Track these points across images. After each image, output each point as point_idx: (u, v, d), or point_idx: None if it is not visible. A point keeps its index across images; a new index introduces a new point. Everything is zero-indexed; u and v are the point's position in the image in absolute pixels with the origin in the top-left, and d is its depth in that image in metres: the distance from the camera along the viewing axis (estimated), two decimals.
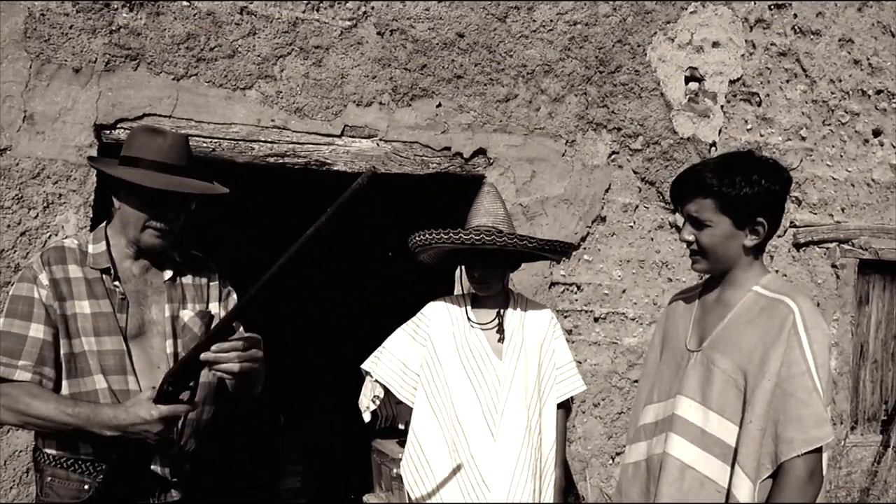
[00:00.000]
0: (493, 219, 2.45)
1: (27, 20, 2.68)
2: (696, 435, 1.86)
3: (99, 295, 1.89)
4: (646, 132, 3.60)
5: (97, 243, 1.94)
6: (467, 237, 2.34)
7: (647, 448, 2.00)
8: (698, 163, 1.94)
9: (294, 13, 2.98)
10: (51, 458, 1.86)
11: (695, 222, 1.87)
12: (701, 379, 1.88)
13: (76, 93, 2.73)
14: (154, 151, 1.89)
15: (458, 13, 3.23)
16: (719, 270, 1.92)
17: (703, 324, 1.95)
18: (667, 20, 3.61)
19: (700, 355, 1.91)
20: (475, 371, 2.44)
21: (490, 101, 3.30)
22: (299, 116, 3.00)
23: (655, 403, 2.01)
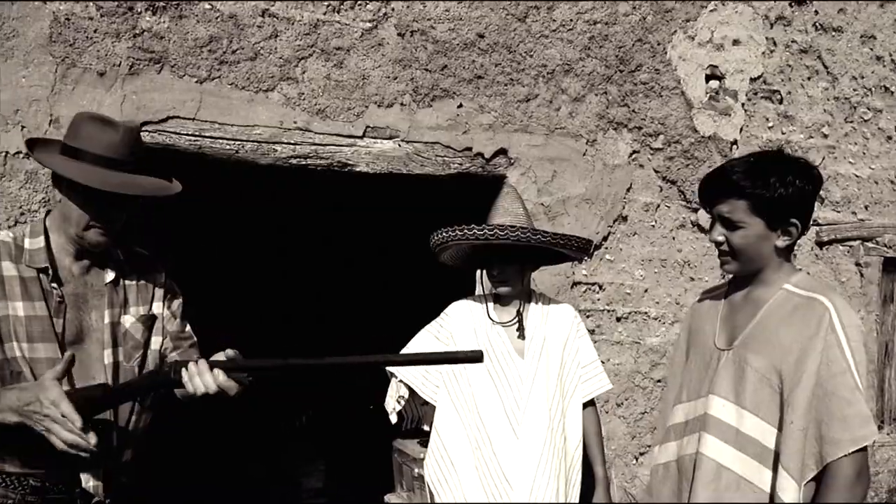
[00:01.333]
0: (513, 218, 2.45)
1: (52, 24, 2.70)
2: (730, 435, 1.84)
3: (35, 296, 1.73)
4: (667, 131, 3.59)
5: (35, 237, 1.78)
6: (481, 232, 2.35)
7: (678, 448, 1.98)
8: (728, 162, 1.92)
9: (315, 15, 2.99)
10: None
11: (726, 223, 1.85)
12: (733, 378, 1.86)
13: (101, 96, 2.76)
14: (102, 145, 1.74)
15: (478, 13, 3.23)
16: (750, 271, 1.91)
17: (733, 322, 1.94)
18: (687, 18, 3.60)
19: (731, 354, 1.89)
20: (497, 369, 2.44)
21: (511, 101, 3.30)
22: (321, 118, 3.01)
23: (685, 403, 2.00)
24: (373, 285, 5.62)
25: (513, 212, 2.48)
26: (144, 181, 1.79)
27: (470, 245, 2.45)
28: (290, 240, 5.25)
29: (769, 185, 1.79)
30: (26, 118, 2.68)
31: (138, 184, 1.77)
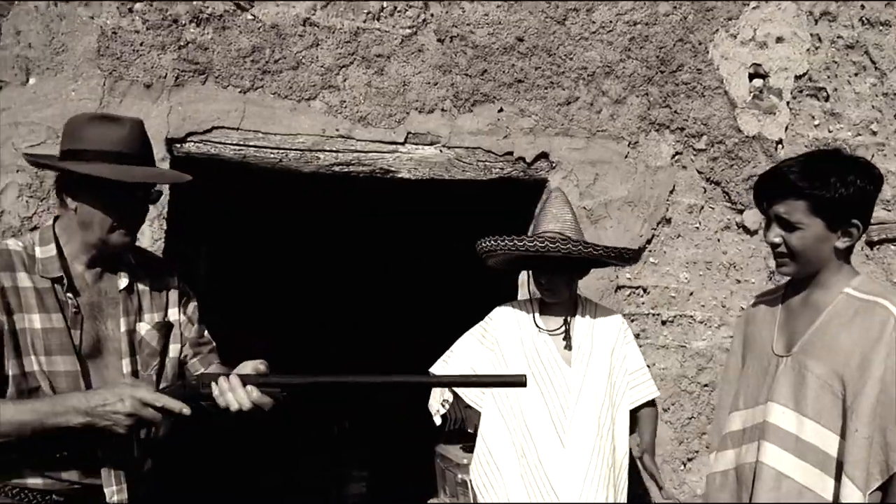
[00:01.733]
0: (561, 224, 2.43)
1: (100, 38, 2.76)
2: (790, 443, 1.80)
3: (50, 308, 1.68)
4: (710, 131, 3.54)
5: (45, 245, 1.72)
6: (532, 244, 2.32)
7: (736, 456, 1.94)
8: (784, 162, 1.87)
9: (355, 23, 3.01)
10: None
11: (784, 224, 1.81)
12: (793, 385, 1.81)
13: (148, 108, 2.80)
14: (114, 142, 1.68)
15: (517, 17, 3.22)
16: (808, 274, 1.86)
17: (791, 327, 1.89)
18: (728, 17, 3.54)
19: (790, 360, 1.84)
20: (543, 377, 2.42)
21: (551, 104, 3.28)
22: (363, 125, 3.03)
23: (742, 410, 1.95)
24: (410, 290, 5.63)
25: (562, 218, 2.45)
26: (162, 171, 1.80)
27: (520, 254, 2.43)
28: (327, 246, 5.29)
29: (829, 185, 1.74)
30: None
31: (159, 174, 1.76)
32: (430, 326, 4.35)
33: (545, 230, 2.43)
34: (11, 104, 2.69)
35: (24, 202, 2.70)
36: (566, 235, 2.41)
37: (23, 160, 2.66)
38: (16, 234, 2.69)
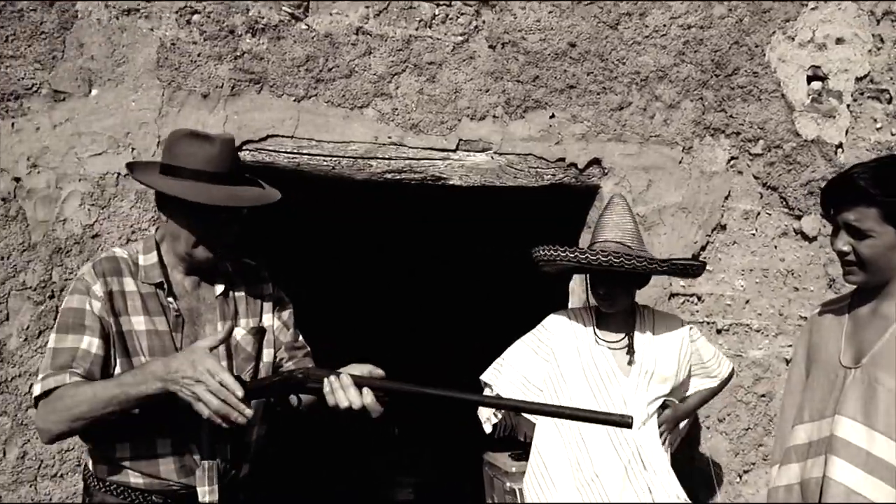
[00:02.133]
0: (622, 233, 2.37)
1: (159, 50, 2.82)
2: (860, 458, 1.74)
3: (153, 311, 1.77)
4: (766, 136, 3.46)
5: (148, 253, 1.81)
6: (594, 258, 2.27)
7: (801, 470, 1.88)
8: (854, 167, 1.83)
9: (408, 31, 3.02)
10: (100, 481, 1.76)
11: (853, 232, 1.77)
12: (863, 398, 1.76)
13: (205, 117, 2.85)
14: (202, 160, 1.73)
15: (570, 23, 3.19)
16: (877, 283, 1.81)
17: (859, 338, 1.83)
18: (786, 18, 3.46)
19: (859, 372, 1.79)
20: (601, 390, 2.37)
21: (603, 109, 3.25)
22: (415, 132, 3.03)
23: (807, 423, 1.90)
24: (461, 295, 5.62)
25: (623, 227, 2.40)
26: (247, 192, 1.80)
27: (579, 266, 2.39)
28: (379, 251, 5.31)
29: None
30: (136, 140, 2.80)
31: (241, 195, 1.77)
32: (483, 331, 4.34)
33: (606, 239, 2.38)
34: (74, 115, 2.76)
35: (86, 210, 2.77)
36: (627, 246, 2.36)
37: (85, 169, 2.74)
38: (78, 241, 2.77)
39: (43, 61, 2.73)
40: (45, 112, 2.74)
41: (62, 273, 2.76)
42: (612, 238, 2.37)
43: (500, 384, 2.50)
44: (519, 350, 2.54)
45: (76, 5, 2.75)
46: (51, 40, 2.73)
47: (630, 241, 2.38)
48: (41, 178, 2.74)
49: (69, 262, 2.76)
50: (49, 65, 2.73)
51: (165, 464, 1.74)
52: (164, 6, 2.81)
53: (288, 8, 2.89)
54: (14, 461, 2.73)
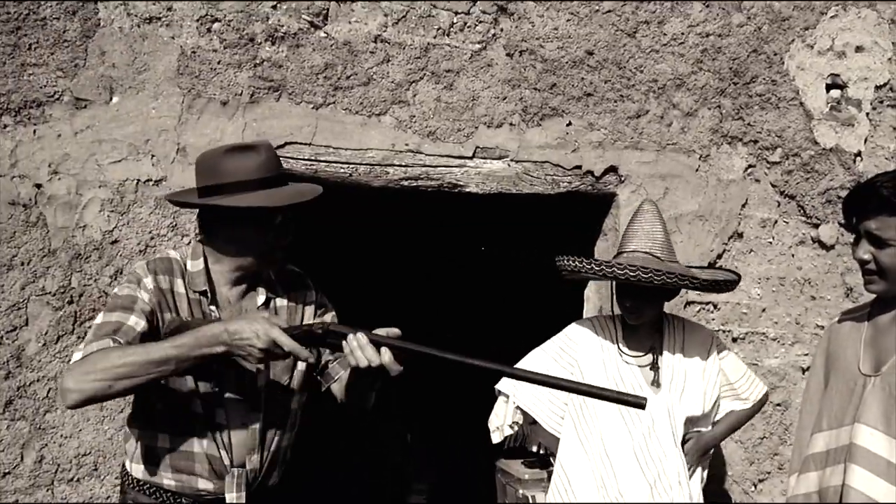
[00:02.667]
0: (651, 243, 2.29)
1: (180, 58, 2.84)
2: (881, 467, 1.74)
3: (196, 317, 1.80)
4: (784, 144, 3.45)
5: (195, 260, 1.84)
6: (621, 272, 2.18)
7: (819, 479, 1.88)
8: (877, 176, 1.83)
9: (426, 39, 3.03)
10: (135, 481, 1.80)
11: (875, 240, 1.77)
12: (883, 406, 1.76)
13: (224, 124, 2.87)
14: (254, 169, 1.76)
15: (587, 31, 3.19)
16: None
17: (879, 346, 1.84)
18: (805, 26, 3.45)
19: (879, 380, 1.79)
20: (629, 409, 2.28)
21: (621, 117, 3.24)
22: (432, 140, 3.04)
23: (825, 431, 1.89)
24: (477, 300, 5.62)
25: (652, 236, 2.32)
26: (301, 187, 1.85)
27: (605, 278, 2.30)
28: (399, 258, 5.32)
29: None
30: (156, 147, 2.82)
31: (301, 190, 1.83)
32: (500, 334, 4.34)
33: (635, 249, 2.29)
34: (95, 122, 2.78)
35: (106, 217, 2.79)
36: (656, 257, 2.26)
37: (105, 175, 2.76)
38: (97, 247, 2.79)
39: (65, 69, 2.75)
40: (67, 119, 2.76)
41: (81, 279, 2.78)
42: (641, 248, 2.29)
43: (521, 397, 2.43)
44: (539, 358, 2.46)
45: (98, 14, 2.77)
46: (73, 48, 2.75)
47: (660, 252, 2.29)
48: (62, 184, 2.76)
49: (88, 268, 2.78)
50: (71, 72, 2.76)
51: (200, 462, 1.77)
52: (185, 14, 2.82)
53: (307, 16, 2.90)
54: (31, 465, 2.75)
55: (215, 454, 1.78)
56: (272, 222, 1.78)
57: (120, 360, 1.60)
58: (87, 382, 1.60)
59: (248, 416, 1.81)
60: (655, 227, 2.36)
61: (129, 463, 1.83)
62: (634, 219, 2.41)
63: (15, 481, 2.74)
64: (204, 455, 1.77)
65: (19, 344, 2.73)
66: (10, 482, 2.73)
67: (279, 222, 1.79)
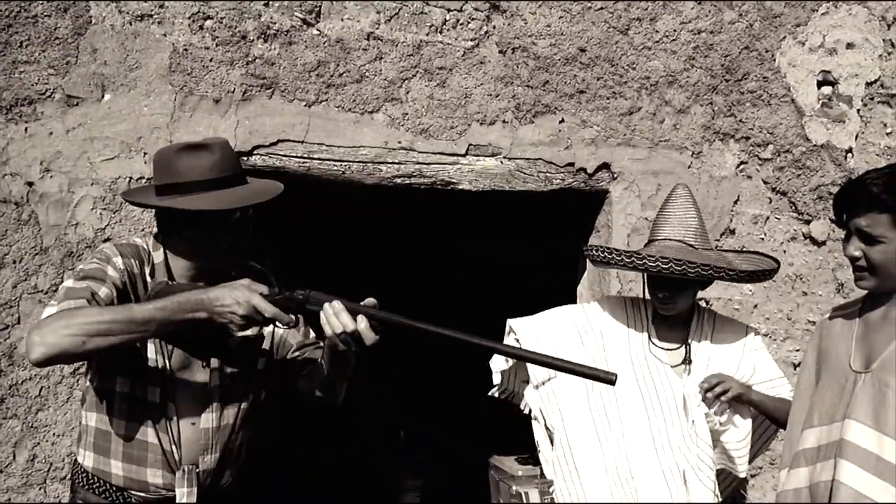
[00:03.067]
0: (685, 231, 2.18)
1: (172, 55, 2.83)
2: (870, 462, 1.75)
3: None
4: (776, 140, 3.46)
5: (156, 251, 1.81)
6: (653, 264, 2.06)
7: (810, 474, 1.89)
8: (867, 173, 1.85)
9: (418, 36, 3.03)
10: (85, 476, 1.78)
11: (865, 237, 1.78)
12: (873, 402, 1.77)
13: (216, 122, 2.86)
14: (207, 169, 1.73)
15: (580, 28, 3.20)
16: (887, 288, 1.82)
17: (869, 343, 1.85)
18: (796, 23, 3.47)
19: (870, 377, 1.80)
20: (652, 398, 2.21)
21: (613, 114, 3.25)
22: (425, 137, 3.04)
23: (816, 427, 1.90)
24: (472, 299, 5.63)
25: (686, 223, 2.19)
26: (258, 186, 1.82)
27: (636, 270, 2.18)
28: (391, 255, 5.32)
29: None
30: (148, 145, 2.81)
31: (257, 190, 1.79)
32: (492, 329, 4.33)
33: (668, 237, 2.17)
34: (87, 120, 2.78)
35: (98, 214, 2.79)
36: (691, 245, 2.14)
37: (97, 173, 2.76)
38: (89, 245, 2.78)
39: (57, 66, 2.74)
40: (59, 117, 2.75)
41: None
42: (675, 236, 2.16)
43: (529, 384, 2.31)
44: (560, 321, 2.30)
45: (90, 11, 2.77)
46: (65, 46, 2.75)
47: (693, 240, 2.17)
48: (54, 182, 2.75)
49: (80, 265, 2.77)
50: (63, 70, 2.75)
51: (153, 452, 1.75)
52: (176, 12, 2.82)
53: (300, 14, 2.90)
54: (24, 464, 2.75)
55: (167, 447, 1.77)
56: (227, 223, 1.75)
57: (98, 316, 1.56)
58: (58, 336, 1.53)
59: (199, 416, 1.80)
60: (689, 213, 2.22)
61: (82, 451, 1.81)
62: (666, 204, 2.28)
63: (7, 480, 2.73)
64: (158, 446, 1.76)
65: (11, 342, 2.73)
66: (3, 481, 2.73)
67: (234, 222, 1.77)
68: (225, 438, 1.83)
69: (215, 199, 1.71)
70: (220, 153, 1.77)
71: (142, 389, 1.76)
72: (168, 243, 1.82)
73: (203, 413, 1.81)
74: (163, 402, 1.76)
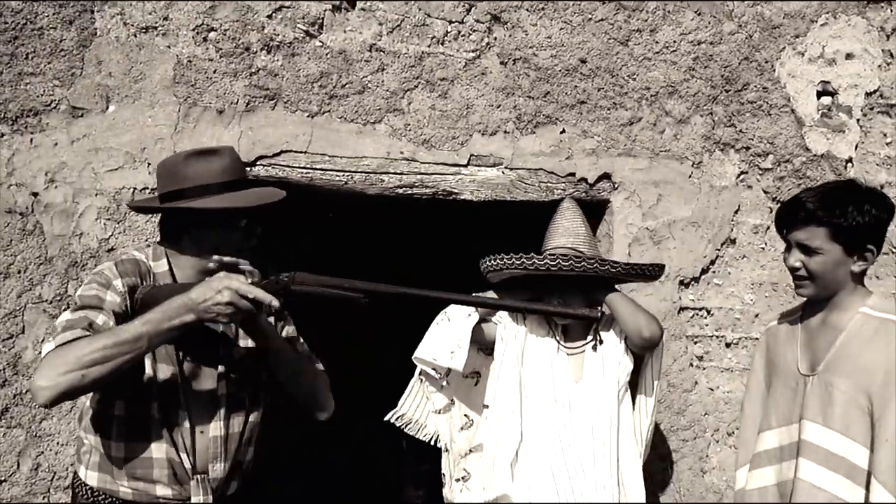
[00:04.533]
0: (573, 239, 2.30)
1: (176, 67, 2.86)
2: (823, 457, 1.94)
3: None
4: (776, 150, 3.48)
5: (158, 261, 1.85)
6: (541, 262, 2.18)
7: (776, 474, 2.05)
8: (804, 192, 2.05)
9: (420, 48, 3.06)
10: (89, 490, 1.78)
11: (804, 249, 1.98)
12: (821, 402, 1.96)
13: (220, 133, 2.89)
14: (218, 173, 1.79)
15: (580, 39, 3.22)
16: (825, 295, 2.01)
17: (813, 347, 2.03)
18: (796, 34, 3.49)
19: (816, 379, 1.98)
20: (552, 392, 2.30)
21: (614, 125, 3.27)
22: (426, 148, 3.07)
23: (775, 429, 2.07)
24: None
25: (574, 231, 2.33)
26: (266, 191, 1.87)
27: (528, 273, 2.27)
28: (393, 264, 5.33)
29: (847, 214, 1.91)
30: (152, 156, 2.83)
31: (266, 194, 1.84)
32: None
33: (557, 245, 2.29)
34: (92, 130, 2.80)
35: (102, 224, 2.81)
36: (579, 251, 2.26)
37: (102, 184, 2.78)
38: (94, 255, 2.80)
39: (62, 78, 2.77)
40: (64, 128, 2.77)
41: (78, 287, 2.77)
42: (564, 244, 2.28)
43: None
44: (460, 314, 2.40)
45: (95, 23, 2.79)
46: (70, 57, 2.77)
47: (583, 247, 2.29)
48: (58, 192, 2.77)
49: (85, 276, 2.79)
50: (68, 81, 2.77)
51: (160, 467, 1.75)
52: (181, 24, 2.85)
53: (303, 25, 2.93)
54: (28, 473, 2.76)
55: (175, 458, 1.77)
56: (237, 224, 1.80)
57: (90, 347, 1.56)
58: (56, 376, 1.54)
59: (207, 425, 1.81)
60: (576, 223, 2.35)
61: (83, 469, 1.81)
62: (555, 218, 2.39)
63: (11, 489, 2.74)
64: (165, 460, 1.76)
65: (16, 352, 2.74)
66: (7, 490, 2.74)
67: (244, 225, 1.81)
68: (234, 446, 1.85)
69: (228, 199, 1.76)
70: (228, 158, 1.85)
71: (141, 407, 1.77)
72: (175, 249, 1.84)
73: (212, 422, 1.82)
74: (165, 414, 1.77)
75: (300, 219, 3.32)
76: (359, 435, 4.74)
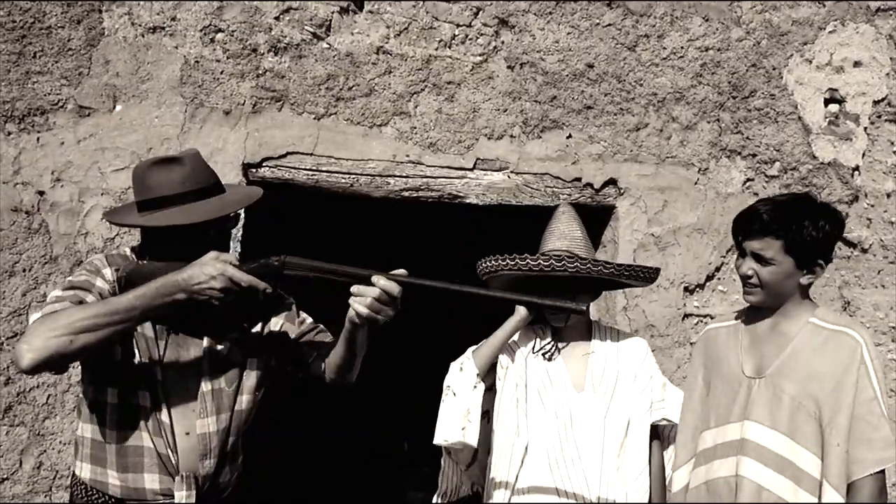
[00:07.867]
0: (569, 242, 2.28)
1: (183, 67, 2.86)
2: (769, 458, 1.98)
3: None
4: (783, 158, 3.47)
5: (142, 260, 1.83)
6: (535, 263, 2.17)
7: (707, 472, 2.08)
8: (761, 202, 2.11)
9: (427, 51, 3.06)
10: (83, 489, 1.79)
11: (758, 258, 2.02)
12: (769, 405, 2.00)
13: (226, 134, 2.89)
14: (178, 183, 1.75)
15: (588, 44, 3.22)
16: (772, 304, 2.07)
17: (760, 352, 2.08)
18: (804, 41, 3.48)
19: (764, 382, 2.03)
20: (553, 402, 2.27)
21: (620, 130, 3.27)
22: (433, 151, 3.06)
23: (713, 429, 2.11)
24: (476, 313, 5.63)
25: (569, 235, 2.30)
26: (235, 195, 1.85)
27: (523, 275, 2.26)
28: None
29: (803, 228, 1.95)
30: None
31: (230, 201, 1.82)
32: None
33: (552, 248, 2.27)
34: (98, 130, 2.80)
35: (107, 224, 2.81)
36: (574, 254, 2.24)
37: (107, 183, 2.78)
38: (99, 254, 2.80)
39: (69, 77, 2.77)
40: (70, 127, 2.78)
41: None
42: (559, 247, 2.26)
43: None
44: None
45: (103, 23, 2.80)
46: (77, 57, 2.78)
47: (578, 250, 2.27)
48: (64, 191, 2.77)
49: None
50: (75, 81, 2.78)
51: (149, 456, 1.77)
52: (188, 24, 2.85)
53: (310, 27, 2.93)
54: (30, 471, 2.76)
55: (163, 451, 1.78)
56: (205, 235, 1.77)
57: (81, 314, 1.57)
58: (44, 339, 1.54)
59: (193, 423, 1.81)
60: (572, 227, 2.33)
61: (79, 462, 1.82)
62: (550, 222, 2.38)
63: (13, 487, 2.74)
64: (153, 450, 1.77)
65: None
66: (9, 488, 2.74)
67: (214, 234, 1.79)
68: (222, 442, 1.85)
69: (186, 213, 1.74)
70: (190, 165, 1.79)
71: (132, 395, 1.77)
72: (153, 257, 1.84)
73: (198, 420, 1.82)
74: (154, 405, 1.78)
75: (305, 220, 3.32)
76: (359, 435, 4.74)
